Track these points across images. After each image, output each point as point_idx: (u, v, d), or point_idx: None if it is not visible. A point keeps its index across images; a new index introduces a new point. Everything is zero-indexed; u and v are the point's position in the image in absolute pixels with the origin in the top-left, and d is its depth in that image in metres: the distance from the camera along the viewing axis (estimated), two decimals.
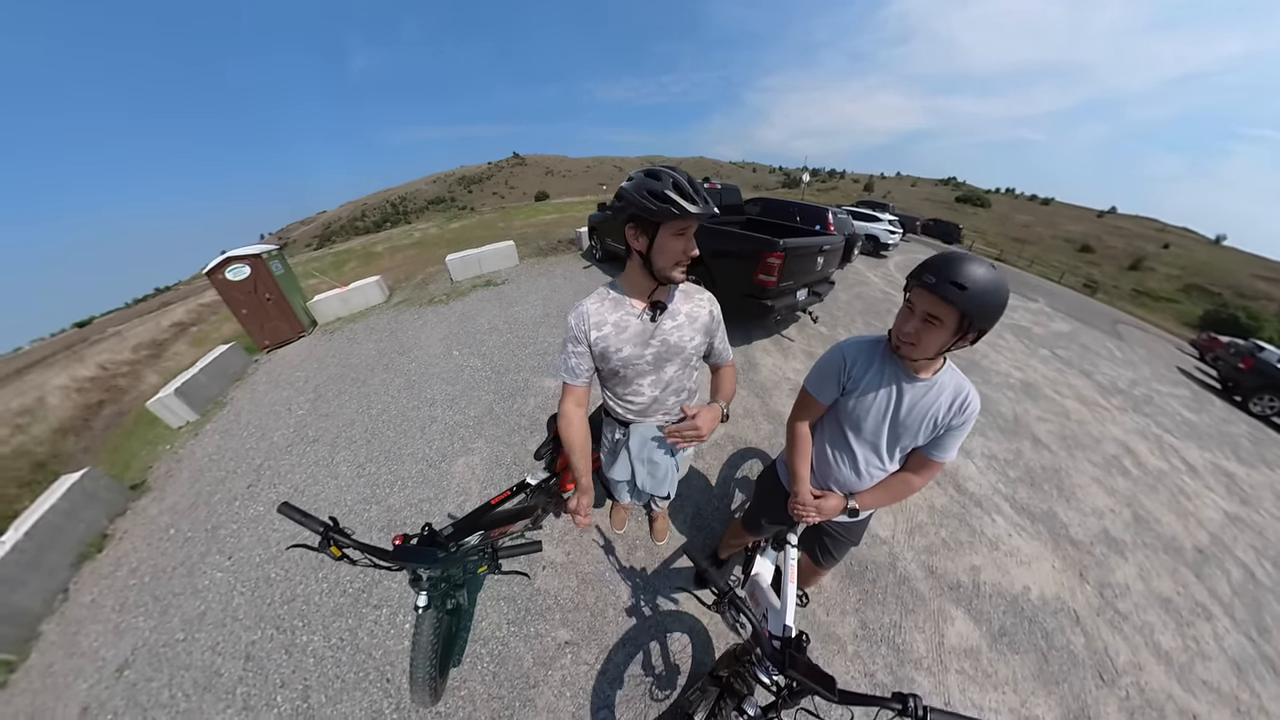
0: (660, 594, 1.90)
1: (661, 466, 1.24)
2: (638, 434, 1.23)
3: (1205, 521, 3.58)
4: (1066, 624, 2.24)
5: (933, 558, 2.37)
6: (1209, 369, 9.85)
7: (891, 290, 7.82)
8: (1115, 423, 4.91)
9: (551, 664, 1.64)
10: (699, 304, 1.16)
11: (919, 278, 0.90)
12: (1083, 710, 1.86)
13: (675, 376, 1.18)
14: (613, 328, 1.07)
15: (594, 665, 1.64)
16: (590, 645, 1.70)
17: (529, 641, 1.69)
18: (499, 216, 14.08)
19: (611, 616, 1.80)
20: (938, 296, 0.86)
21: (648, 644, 1.71)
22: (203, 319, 7.90)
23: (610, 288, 1.11)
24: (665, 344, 1.11)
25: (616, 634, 1.74)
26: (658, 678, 1.62)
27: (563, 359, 1.11)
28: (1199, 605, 2.67)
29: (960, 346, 0.93)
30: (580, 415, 1.14)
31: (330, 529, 0.97)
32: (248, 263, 4.11)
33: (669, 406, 1.22)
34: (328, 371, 3.71)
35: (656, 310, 1.08)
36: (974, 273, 0.85)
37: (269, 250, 4.44)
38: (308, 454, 2.69)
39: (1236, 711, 2.09)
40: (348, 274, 7.83)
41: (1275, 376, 7.43)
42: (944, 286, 0.85)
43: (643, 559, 2.05)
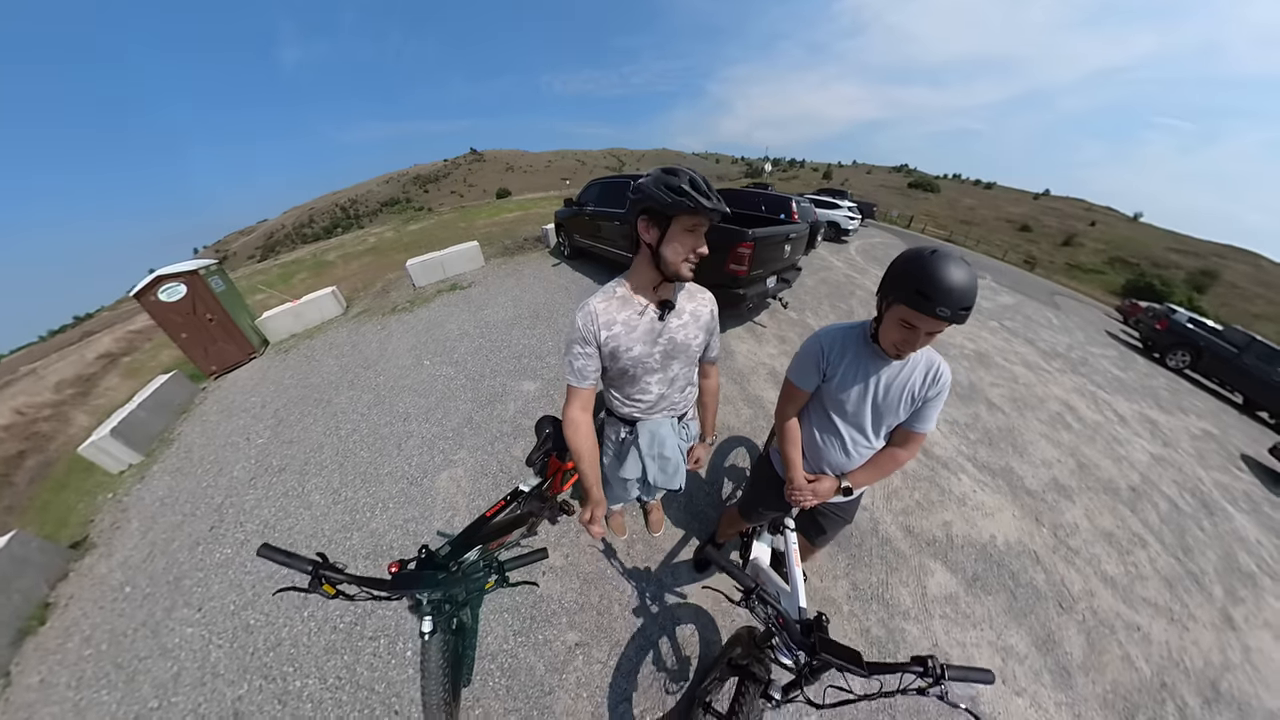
0: (664, 586, 1.94)
1: (672, 461, 1.26)
2: (646, 431, 1.24)
3: (1135, 464, 4.09)
4: (1028, 564, 2.54)
5: (909, 518, 2.58)
6: (1132, 331, 11.00)
7: (854, 274, 8.18)
8: (1057, 383, 5.46)
9: (564, 668, 1.64)
10: (701, 303, 1.18)
11: (929, 309, 0.87)
12: (1049, 635, 2.15)
13: (681, 373, 1.20)
14: (622, 326, 1.06)
15: (607, 663, 1.66)
16: (600, 644, 1.72)
17: (538, 649, 1.69)
18: (459, 216, 13.48)
19: (618, 613, 1.83)
20: (946, 321, 0.88)
21: (657, 636, 1.75)
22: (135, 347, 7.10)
23: (616, 285, 1.10)
24: (673, 342, 1.12)
25: (625, 630, 1.77)
26: (670, 669, 1.67)
27: (568, 361, 1.08)
28: (1135, 536, 3.07)
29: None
30: (588, 421, 1.11)
31: (320, 566, 0.91)
32: (183, 280, 3.72)
33: (675, 402, 1.25)
34: (287, 394, 3.46)
35: (665, 309, 1.08)
36: (968, 285, 0.86)
37: (207, 265, 4.04)
38: (275, 485, 2.51)
39: (1171, 620, 2.49)
40: (299, 286, 7.28)
41: (1185, 335, 8.43)
42: (958, 316, 0.87)
43: (642, 552, 2.08)
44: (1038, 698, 1.88)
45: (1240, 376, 7.89)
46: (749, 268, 3.70)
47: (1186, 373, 8.43)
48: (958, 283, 0.86)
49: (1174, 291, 33.42)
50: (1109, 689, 2.04)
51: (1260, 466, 5.40)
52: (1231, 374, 7.99)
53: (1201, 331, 8.48)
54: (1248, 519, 3.97)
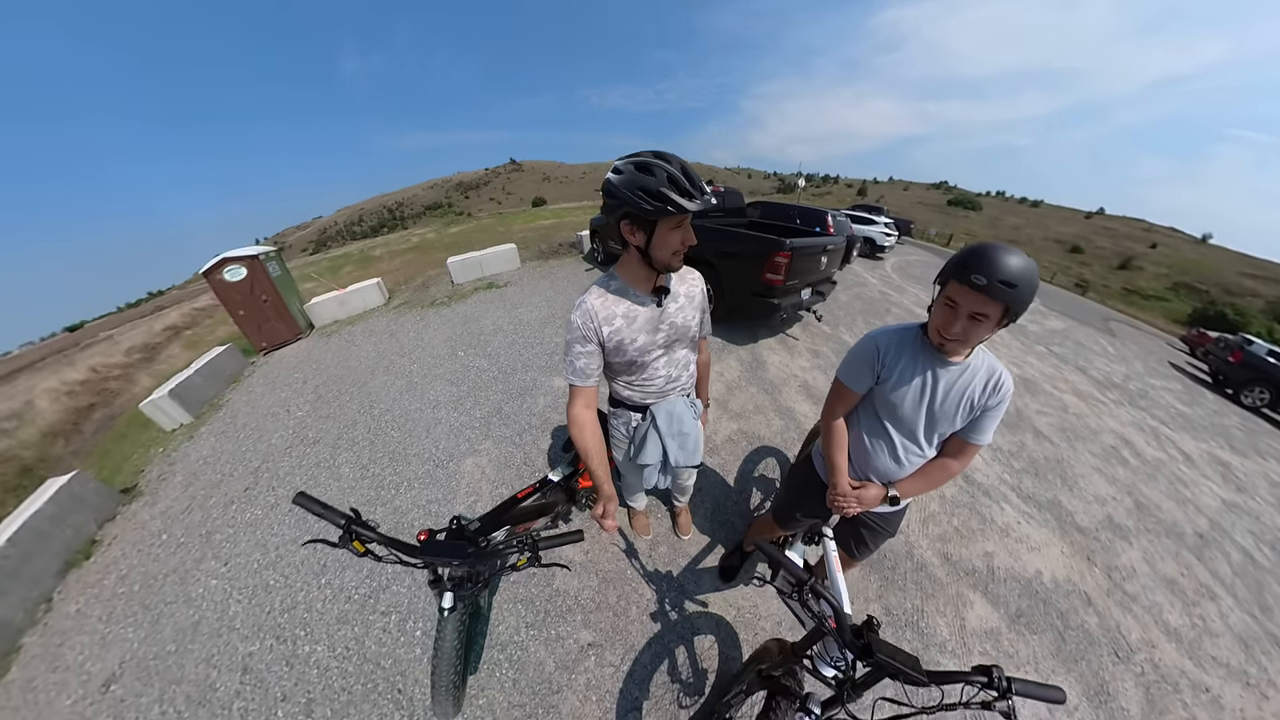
0: (685, 592, 1.84)
1: (691, 437, 1.26)
2: (663, 411, 1.23)
3: (1204, 508, 3.64)
4: (1079, 605, 2.29)
5: (947, 545, 2.39)
6: (1200, 363, 10.01)
7: (889, 290, 7.88)
8: (1112, 415, 4.98)
9: (575, 668, 1.56)
10: (692, 283, 1.18)
11: (965, 278, 0.87)
12: (1102, 686, 1.90)
13: (684, 354, 1.23)
14: (623, 319, 1.06)
15: (619, 668, 1.57)
16: (615, 647, 1.63)
17: (550, 645, 1.62)
18: (497, 221, 14.07)
19: (635, 616, 1.73)
20: (986, 296, 0.85)
21: (674, 644, 1.65)
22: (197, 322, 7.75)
23: (609, 279, 1.09)
24: (673, 326, 1.14)
25: (642, 635, 1.67)
26: (685, 680, 1.56)
27: (568, 361, 1.07)
28: (1203, 586, 2.73)
29: (991, 336, 0.94)
30: (593, 418, 1.11)
31: (353, 521, 0.89)
32: (244, 264, 4.04)
33: (683, 382, 1.26)
34: (327, 373, 3.62)
35: (662, 295, 1.10)
36: (1017, 267, 0.84)
37: (266, 251, 4.37)
38: (308, 456, 2.61)
39: (1246, 684, 2.15)
40: (345, 277, 7.74)
41: (1264, 369, 7.57)
42: (995, 288, 0.84)
43: (666, 555, 2.00)
44: None
45: None
46: (785, 277, 3.64)
47: (1265, 412, 7.45)
48: (1003, 259, 0.85)
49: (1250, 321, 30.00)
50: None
51: None
52: None
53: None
54: None
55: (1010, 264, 0.84)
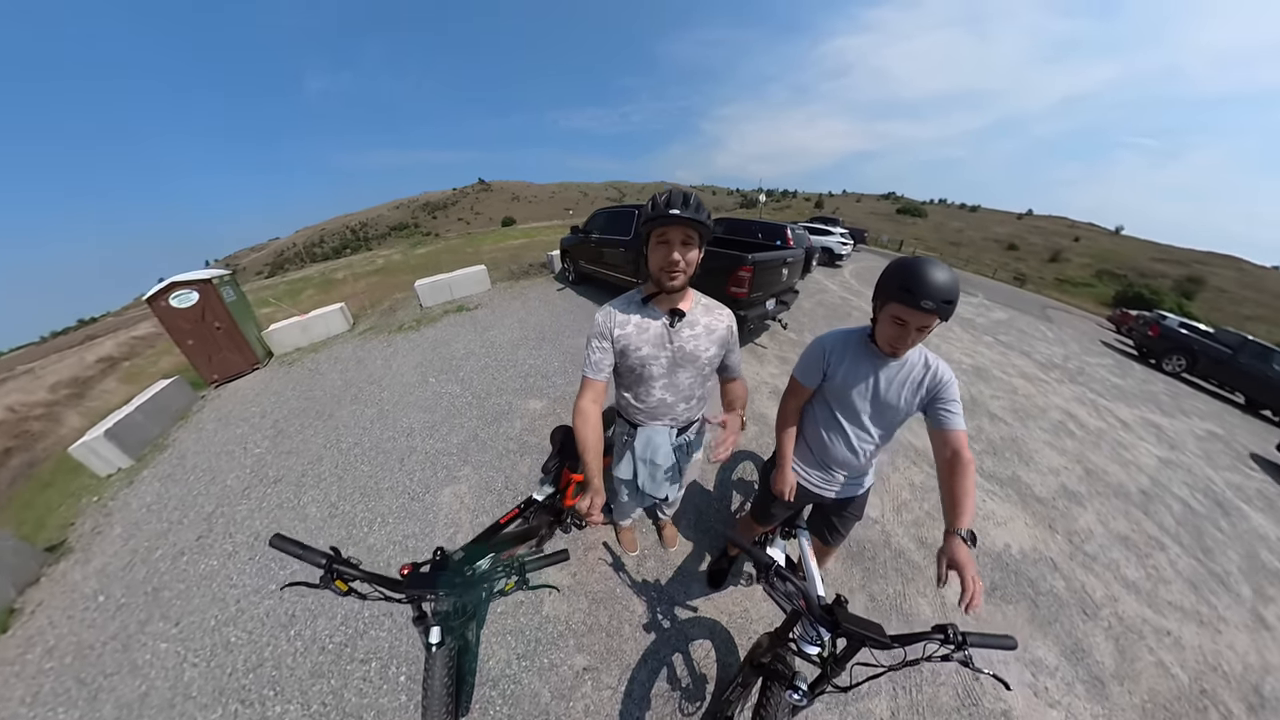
0: (676, 603, 1.86)
1: (662, 469, 1.28)
2: (643, 435, 1.28)
3: (1143, 467, 4.05)
4: (1046, 571, 2.49)
5: (920, 529, 2.54)
6: (1126, 339, 11.12)
7: (849, 295, 8.41)
8: (1056, 393, 5.47)
9: (571, 695, 1.53)
10: (718, 318, 1.24)
11: (912, 303, 0.96)
12: (1077, 644, 2.08)
13: (687, 384, 1.24)
14: (634, 327, 1.16)
15: (617, 688, 1.56)
16: (610, 667, 1.62)
17: (543, 674, 1.58)
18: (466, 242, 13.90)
19: (629, 634, 1.73)
20: (933, 315, 0.96)
21: (670, 657, 1.66)
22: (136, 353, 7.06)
23: (636, 292, 1.21)
24: (681, 350, 1.18)
25: (636, 651, 1.67)
26: (685, 689, 1.58)
27: (586, 354, 1.18)
28: (1152, 538, 3.03)
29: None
30: (596, 412, 1.17)
31: (334, 560, 0.86)
32: (196, 288, 3.77)
33: (677, 412, 1.27)
34: (288, 405, 3.41)
35: (675, 317, 1.16)
36: (949, 283, 0.96)
37: (220, 275, 4.11)
38: (269, 496, 2.43)
39: (1201, 624, 2.41)
40: (306, 302, 7.38)
41: (1178, 339, 8.50)
42: (941, 309, 0.95)
43: (654, 569, 2.01)
44: (1073, 710, 1.80)
45: (1239, 377, 7.88)
46: (749, 290, 3.84)
47: (1184, 376, 8.39)
48: (939, 279, 0.95)
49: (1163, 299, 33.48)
50: (1146, 698, 1.95)
51: (1271, 464, 5.28)
52: (1229, 375, 7.97)
53: (1194, 335, 8.52)
54: (1265, 517, 3.86)
55: (945, 283, 0.95)
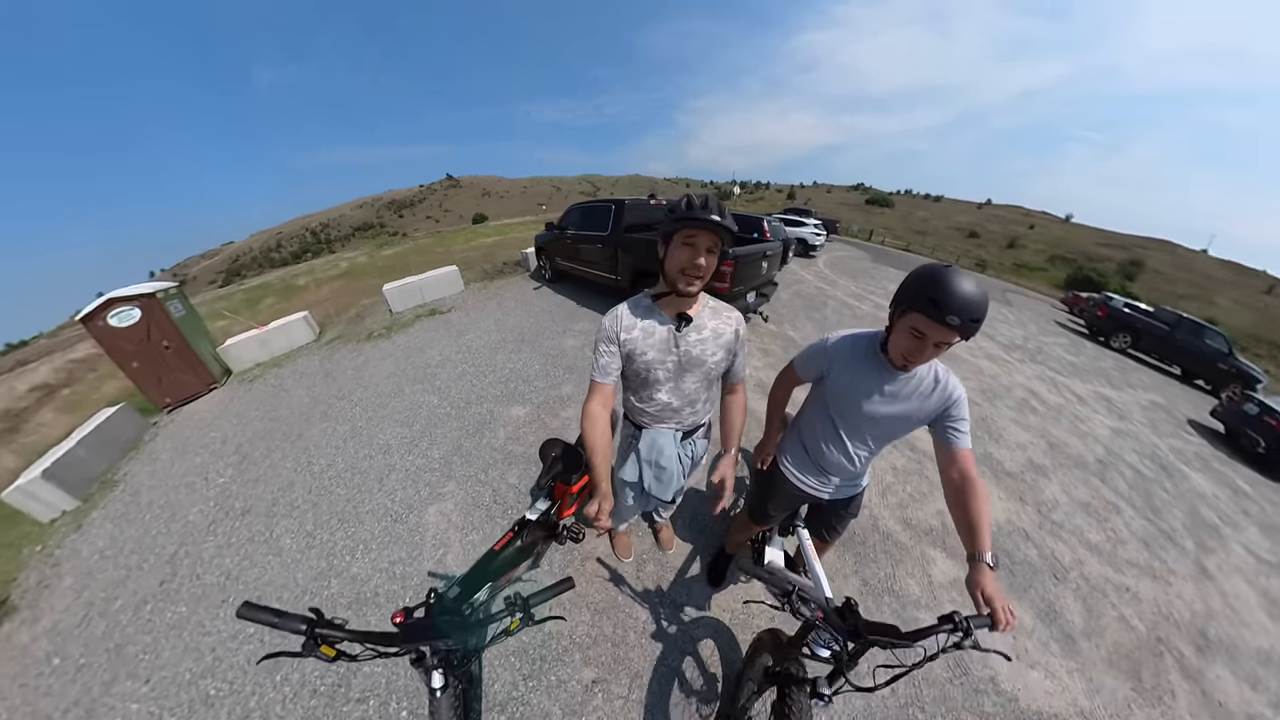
0: (678, 605, 1.88)
1: (668, 471, 1.29)
2: (648, 437, 1.29)
3: (1099, 438, 4.42)
4: (1020, 541, 2.68)
5: (905, 511, 2.68)
6: (1078, 320, 12.08)
7: (825, 286, 8.59)
8: (1019, 373, 5.87)
9: (582, 709, 1.53)
10: (725, 322, 1.21)
11: (940, 317, 0.87)
12: (1049, 607, 2.29)
13: (693, 389, 1.24)
14: (641, 331, 1.16)
15: (629, 698, 1.57)
16: (620, 677, 1.62)
17: (552, 692, 1.56)
18: (435, 241, 13.35)
19: (635, 641, 1.74)
20: (957, 332, 0.88)
21: (678, 660, 1.68)
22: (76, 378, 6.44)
23: (644, 295, 1.21)
24: (688, 355, 1.17)
25: (644, 659, 1.68)
26: (697, 691, 1.60)
27: (595, 358, 1.18)
28: (1109, 503, 3.30)
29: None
30: (605, 416, 1.17)
31: (315, 624, 0.78)
32: (138, 304, 3.42)
33: (682, 416, 1.28)
34: (252, 428, 3.19)
35: (682, 322, 1.15)
36: (980, 299, 0.86)
37: (166, 288, 3.76)
38: (238, 530, 2.28)
39: (1155, 578, 2.70)
40: (265, 312, 6.92)
41: (1124, 318, 9.28)
42: (967, 327, 0.86)
43: (654, 573, 2.02)
44: (1050, 668, 1.96)
45: (1176, 351, 8.74)
46: (730, 284, 3.87)
47: (1130, 352, 9.21)
48: (970, 294, 0.86)
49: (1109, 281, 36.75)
50: (1112, 650, 2.15)
51: (1205, 428, 5.93)
52: (1167, 350, 8.84)
53: (1137, 315, 9.34)
54: (1202, 476, 4.32)
55: (975, 299, 0.85)
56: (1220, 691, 2.12)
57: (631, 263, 4.71)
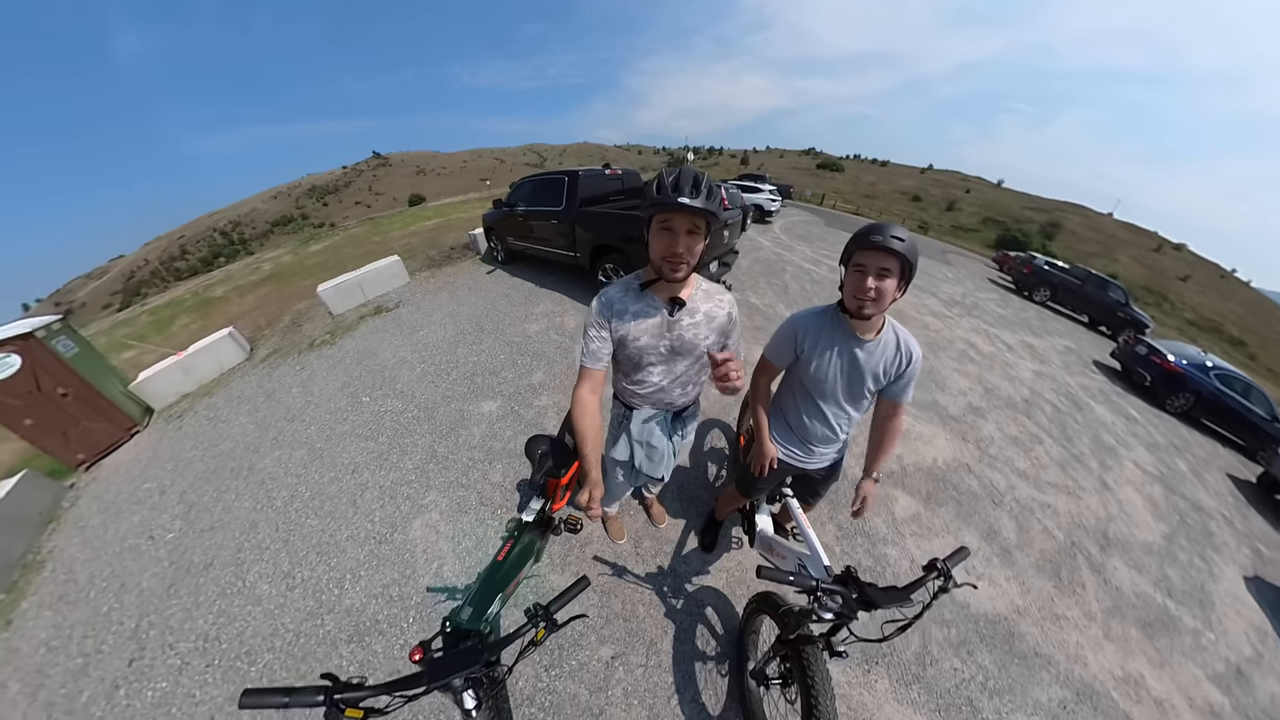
0: (679, 575, 2.02)
1: (659, 450, 1.32)
2: (639, 418, 1.30)
3: (1024, 380, 5.07)
4: (964, 474, 3.08)
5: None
6: (1006, 277, 13.50)
7: (783, 251, 8.76)
8: (958, 326, 6.51)
9: (607, 685, 1.63)
10: (718, 304, 1.20)
11: (866, 241, 1.05)
12: (990, 527, 2.69)
13: (685, 371, 1.25)
14: (633, 316, 1.14)
15: (648, 665, 1.69)
16: (636, 649, 1.74)
17: (576, 675, 1.65)
18: (370, 229, 12.09)
19: (644, 614, 1.86)
20: (886, 251, 1.02)
21: (687, 624, 1.83)
22: None
23: (634, 279, 1.18)
24: (680, 339, 1.17)
25: (656, 628, 1.81)
26: (709, 650, 1.75)
27: (584, 343, 1.16)
28: (1033, 435, 3.86)
29: (899, 297, 1.10)
30: (595, 403, 1.16)
31: (333, 690, 0.72)
32: (14, 349, 2.86)
33: (674, 398, 1.30)
34: (193, 470, 2.87)
35: (675, 306, 1.13)
36: (901, 230, 1.05)
37: (46, 324, 3.13)
38: (204, 587, 2.08)
39: (1069, 494, 3.22)
40: (181, 334, 6.09)
41: (1044, 275, 10.62)
42: (891, 241, 1.02)
43: (651, 549, 2.13)
44: (993, 578, 2.35)
45: (1084, 302, 10.23)
46: None
47: (1049, 305, 10.63)
48: (888, 226, 1.06)
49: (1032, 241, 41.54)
50: (1039, 557, 2.58)
51: (1106, 367, 6.99)
52: (1078, 301, 10.31)
53: (1055, 271, 10.80)
54: (1104, 408, 5.13)
55: (895, 228, 1.05)
56: (1117, 579, 2.63)
57: (590, 238, 4.52)
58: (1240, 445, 5.86)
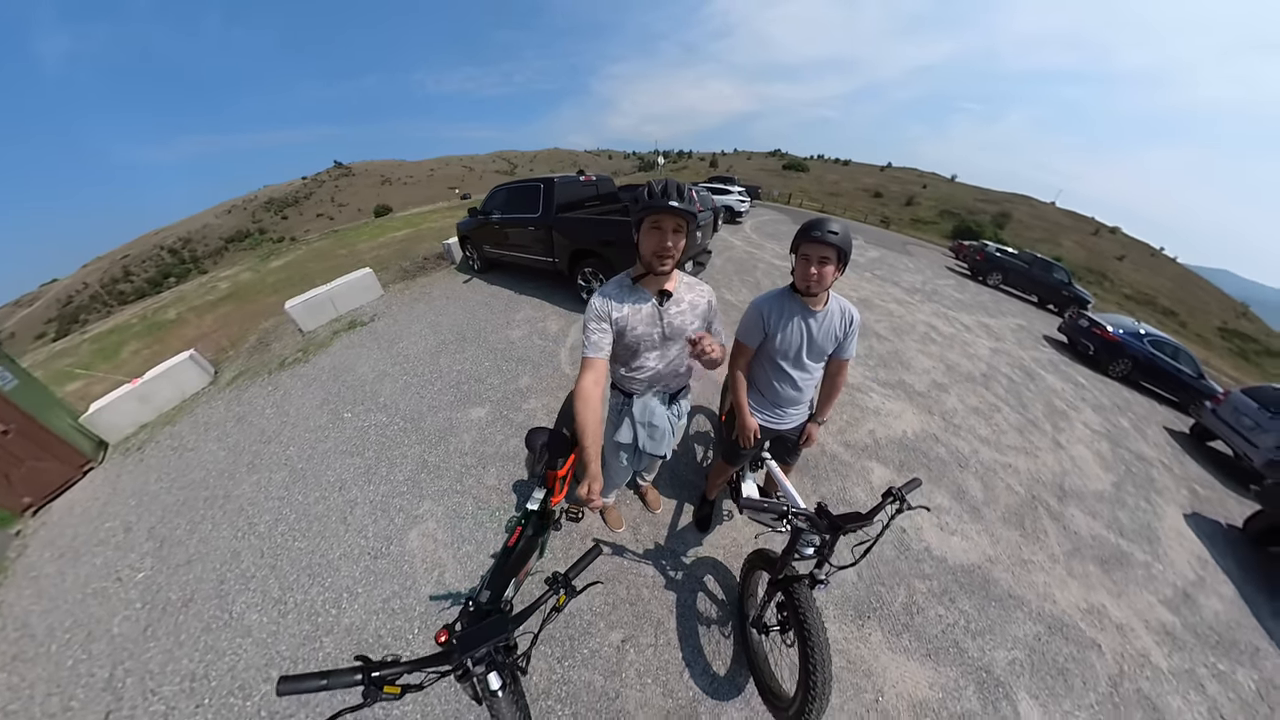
0: (678, 555, 2.10)
1: (660, 429, 1.43)
2: (640, 402, 1.42)
3: (982, 357, 5.48)
4: (932, 443, 3.33)
5: (844, 435, 3.19)
6: (961, 264, 14.58)
7: (754, 250, 9.06)
8: (920, 311, 6.94)
9: (620, 668, 1.68)
10: (699, 294, 1.38)
11: (808, 236, 1.31)
12: (959, 488, 2.93)
13: (677, 355, 1.39)
14: (629, 309, 1.27)
15: (657, 644, 1.76)
16: (645, 630, 1.80)
17: (589, 663, 1.69)
18: (335, 242, 11.63)
19: (649, 596, 1.92)
20: (824, 243, 1.29)
21: (690, 599, 1.91)
22: None
23: (625, 276, 1.31)
24: (671, 326, 1.31)
25: (661, 608, 1.88)
26: (714, 618, 1.85)
27: (585, 335, 1.25)
28: (992, 405, 4.19)
29: (838, 277, 1.37)
30: (598, 394, 1.21)
31: (368, 668, 0.74)
32: None
33: (669, 381, 1.44)
34: (160, 504, 2.68)
35: (664, 298, 1.29)
36: (837, 224, 1.31)
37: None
38: (186, 625, 1.93)
39: (1027, 454, 3.52)
40: (132, 361, 5.68)
41: (996, 261, 11.67)
42: (827, 235, 1.28)
43: (649, 534, 2.20)
44: (964, 532, 2.56)
45: (1032, 284, 11.36)
46: None
47: (1001, 288, 11.68)
48: (826, 220, 1.32)
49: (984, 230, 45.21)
50: (1005, 511, 2.82)
51: (1054, 341, 7.66)
52: (1027, 283, 11.42)
53: (1006, 257, 11.90)
54: (1054, 377, 5.61)
55: (832, 223, 1.30)
56: (1075, 525, 2.91)
57: (568, 244, 4.55)
58: (1174, 402, 6.60)
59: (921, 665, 1.85)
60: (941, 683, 1.80)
